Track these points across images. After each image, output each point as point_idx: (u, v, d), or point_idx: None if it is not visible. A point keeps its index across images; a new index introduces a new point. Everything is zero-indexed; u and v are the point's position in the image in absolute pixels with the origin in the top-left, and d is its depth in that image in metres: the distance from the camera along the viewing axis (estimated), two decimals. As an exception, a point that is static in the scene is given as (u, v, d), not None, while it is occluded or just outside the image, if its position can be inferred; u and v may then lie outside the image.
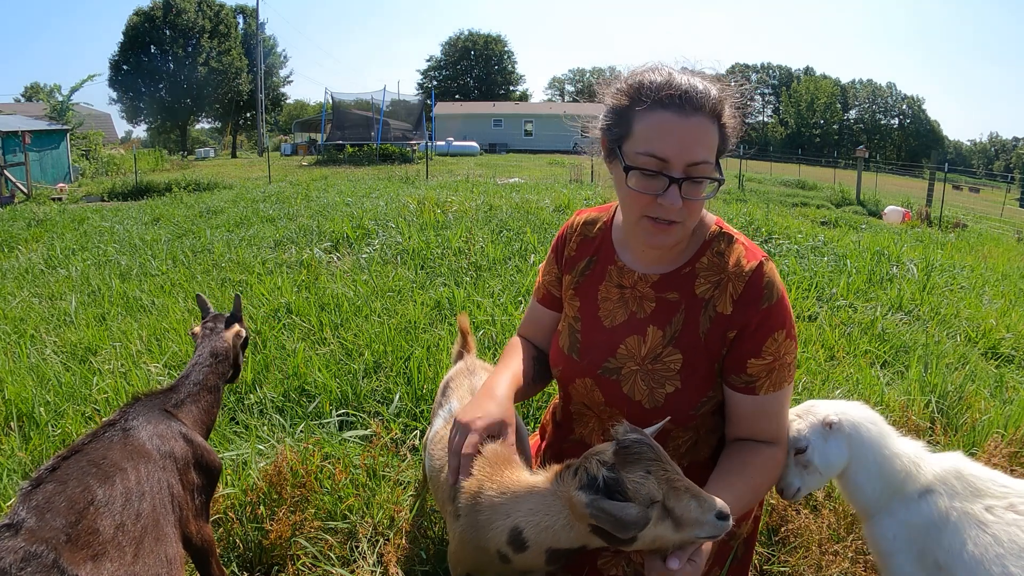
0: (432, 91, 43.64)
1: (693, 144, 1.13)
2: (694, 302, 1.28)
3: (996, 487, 1.21)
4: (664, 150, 1.12)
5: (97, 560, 1.09)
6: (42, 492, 1.14)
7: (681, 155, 1.12)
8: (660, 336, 1.29)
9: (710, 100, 1.14)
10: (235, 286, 4.30)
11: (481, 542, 1.18)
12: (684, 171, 1.13)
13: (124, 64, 37.52)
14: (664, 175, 1.13)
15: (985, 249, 8.86)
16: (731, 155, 1.69)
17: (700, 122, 1.13)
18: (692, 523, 1.00)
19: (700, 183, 1.16)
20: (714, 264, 1.28)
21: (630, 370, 1.31)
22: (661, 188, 1.14)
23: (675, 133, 1.12)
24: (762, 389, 1.25)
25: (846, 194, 18.74)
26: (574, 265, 1.43)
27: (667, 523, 1.01)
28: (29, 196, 14.64)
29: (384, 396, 2.55)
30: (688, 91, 1.13)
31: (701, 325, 1.27)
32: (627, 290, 1.34)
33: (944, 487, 1.24)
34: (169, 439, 1.44)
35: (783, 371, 1.26)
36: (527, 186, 11.12)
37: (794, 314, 1.47)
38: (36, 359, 3.17)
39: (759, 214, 7.12)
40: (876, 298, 3.96)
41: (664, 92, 1.13)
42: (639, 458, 1.02)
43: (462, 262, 4.46)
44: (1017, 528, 1.14)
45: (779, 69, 72.83)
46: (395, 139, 25.99)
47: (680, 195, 1.14)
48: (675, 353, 1.28)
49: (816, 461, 1.30)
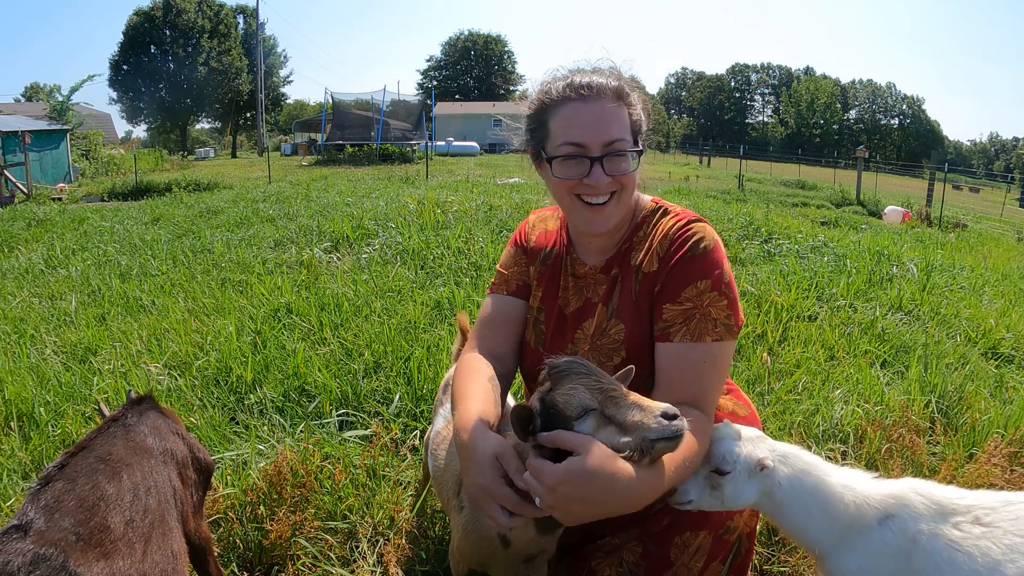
0: (432, 91, 43.65)
1: (603, 124, 1.22)
2: (627, 272, 1.34)
3: (958, 502, 1.16)
4: (578, 135, 1.22)
5: (108, 558, 1.08)
6: (51, 491, 1.13)
7: (595, 136, 1.22)
8: (604, 311, 1.35)
9: (609, 86, 1.24)
10: (235, 286, 4.31)
11: (484, 531, 1.18)
12: (602, 150, 1.22)
13: (124, 64, 37.56)
14: (584, 157, 1.22)
15: (985, 249, 8.87)
16: (731, 155, 1.69)
17: (605, 104, 1.23)
18: (637, 427, 0.99)
19: (622, 157, 1.24)
20: (648, 234, 1.34)
21: (584, 351, 1.35)
22: (585, 170, 1.23)
23: (584, 118, 1.22)
24: (677, 336, 1.24)
25: (846, 194, 18.74)
26: (537, 255, 1.48)
27: (610, 429, 1.00)
28: (29, 196, 14.64)
29: (384, 396, 2.55)
30: (588, 83, 1.24)
31: (632, 290, 1.32)
32: (581, 279, 1.41)
33: (906, 510, 1.17)
34: (167, 436, 1.45)
35: (704, 322, 1.23)
36: (527, 186, 11.11)
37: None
38: (36, 359, 3.17)
39: (759, 214, 7.12)
40: (876, 298, 3.96)
41: (568, 90, 1.24)
42: (568, 375, 1.03)
43: (462, 262, 4.46)
44: (988, 541, 1.10)
45: (779, 69, 72.89)
46: (395, 139, 25.98)
47: (604, 172, 1.22)
48: (618, 324, 1.33)
49: (727, 492, 1.21)
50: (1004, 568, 1.07)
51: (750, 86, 74.23)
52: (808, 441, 2.25)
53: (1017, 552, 1.08)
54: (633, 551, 1.37)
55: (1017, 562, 1.07)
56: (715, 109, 72.73)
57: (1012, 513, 1.12)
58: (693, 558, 1.37)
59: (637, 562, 1.37)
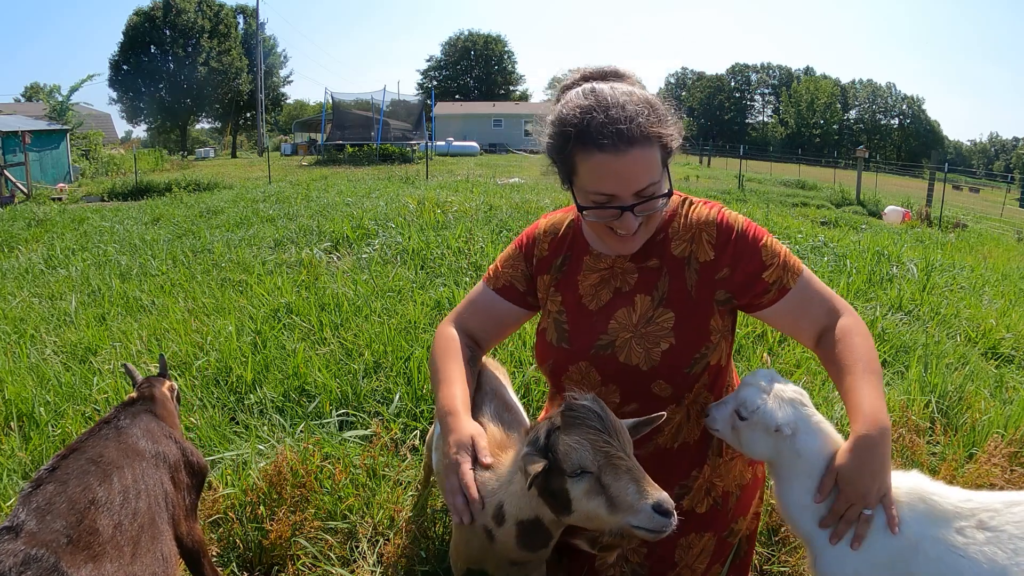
0: (432, 91, 43.64)
1: (634, 177, 1.17)
2: (675, 263, 1.34)
3: (962, 505, 1.13)
4: (610, 188, 1.18)
5: (97, 560, 1.09)
6: (42, 493, 1.13)
7: (626, 189, 1.18)
8: (649, 300, 1.34)
9: (640, 129, 1.15)
10: (235, 286, 4.31)
11: (476, 524, 1.19)
12: (633, 199, 1.19)
13: (124, 64, 37.56)
14: (615, 207, 1.20)
15: (985, 249, 8.87)
16: (731, 155, 1.71)
17: (636, 154, 1.15)
18: (626, 507, 0.95)
19: (653, 200, 1.21)
20: (684, 226, 1.35)
21: (623, 339, 1.34)
22: (615, 216, 1.21)
23: (615, 173, 1.17)
24: (791, 281, 1.32)
25: (846, 194, 18.71)
26: (549, 264, 1.45)
27: (600, 500, 0.97)
28: (29, 196, 14.64)
29: (384, 396, 2.55)
30: (618, 128, 1.14)
31: (687, 281, 1.33)
32: (607, 271, 1.39)
33: (909, 514, 1.13)
34: (159, 439, 1.45)
35: (792, 262, 1.34)
36: (527, 186, 11.13)
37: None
38: (36, 359, 3.17)
39: (759, 214, 7.13)
40: (876, 298, 3.96)
41: (597, 132, 1.14)
42: (580, 424, 0.99)
43: (462, 262, 4.46)
44: (993, 547, 1.07)
45: (779, 69, 72.86)
46: (395, 139, 25.98)
47: (634, 216, 1.21)
48: (667, 312, 1.33)
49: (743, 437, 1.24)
50: (1010, 573, 1.04)
51: (750, 86, 74.22)
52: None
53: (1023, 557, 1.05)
54: (638, 552, 1.36)
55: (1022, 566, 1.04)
56: (715, 109, 72.70)
57: (1017, 515, 1.10)
58: (697, 559, 1.37)
59: (641, 563, 1.37)
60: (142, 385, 1.68)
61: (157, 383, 1.70)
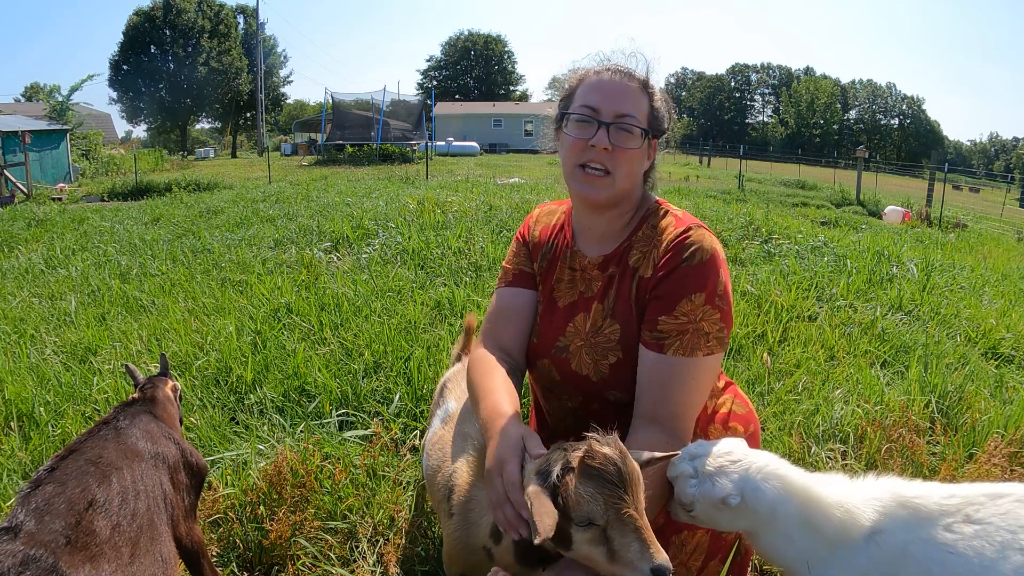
0: (432, 91, 43.65)
1: (619, 96, 1.29)
2: (626, 272, 1.35)
3: (946, 502, 1.11)
4: (595, 100, 1.30)
5: (95, 561, 1.09)
6: (41, 494, 1.13)
7: (609, 104, 1.28)
8: (600, 309, 1.36)
9: (638, 73, 1.34)
10: (235, 286, 4.30)
11: (471, 539, 1.18)
12: (612, 118, 1.28)
13: (124, 64, 37.56)
14: (595, 120, 1.28)
15: (985, 249, 8.87)
16: (731, 155, 1.71)
17: (627, 84, 1.31)
18: (625, 563, 0.95)
19: (628, 133, 1.29)
20: (647, 236, 1.36)
21: (576, 346, 1.37)
22: (592, 132, 1.29)
23: (605, 88, 1.31)
24: (670, 349, 1.23)
25: (846, 194, 18.71)
26: (540, 250, 1.50)
27: (601, 549, 0.97)
28: (29, 196, 14.64)
29: (384, 396, 2.55)
30: (620, 65, 1.34)
31: (631, 292, 1.33)
32: (577, 272, 1.42)
33: (892, 523, 1.11)
34: (158, 440, 1.45)
35: (697, 337, 1.23)
36: (527, 186, 11.12)
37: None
38: (36, 359, 3.17)
39: (759, 214, 7.11)
40: (876, 298, 3.96)
41: (600, 68, 1.35)
42: (598, 476, 0.97)
43: (462, 262, 4.46)
44: (982, 540, 1.06)
45: (779, 69, 72.83)
46: (395, 139, 25.96)
47: (608, 139, 1.27)
48: (613, 324, 1.34)
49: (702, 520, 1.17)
50: (1000, 566, 1.04)
51: (750, 86, 74.19)
52: (808, 441, 2.25)
53: (1011, 549, 1.05)
54: None
55: (1011, 559, 1.04)
56: (715, 109, 72.67)
57: (1001, 507, 1.09)
58: (691, 556, 1.37)
59: None
60: (144, 385, 1.68)
61: (160, 384, 1.71)
